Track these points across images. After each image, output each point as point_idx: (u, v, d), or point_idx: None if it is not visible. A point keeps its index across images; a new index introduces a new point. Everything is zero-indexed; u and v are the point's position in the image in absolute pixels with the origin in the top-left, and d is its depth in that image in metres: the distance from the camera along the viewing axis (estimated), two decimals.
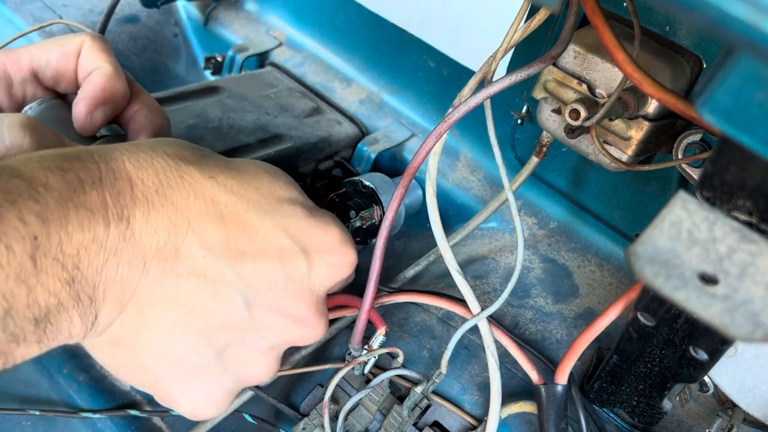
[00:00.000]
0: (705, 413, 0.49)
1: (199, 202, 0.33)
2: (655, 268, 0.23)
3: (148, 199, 0.31)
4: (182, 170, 0.33)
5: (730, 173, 0.28)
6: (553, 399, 0.43)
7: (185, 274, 0.33)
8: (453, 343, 0.46)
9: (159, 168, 0.33)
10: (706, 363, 0.37)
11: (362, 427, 0.46)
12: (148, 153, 0.33)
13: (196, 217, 0.33)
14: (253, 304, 0.35)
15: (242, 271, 0.34)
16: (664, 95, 0.35)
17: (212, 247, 0.33)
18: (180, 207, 0.32)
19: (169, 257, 0.32)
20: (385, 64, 0.70)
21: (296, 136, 0.59)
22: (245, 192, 0.35)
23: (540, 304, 0.56)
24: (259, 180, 0.36)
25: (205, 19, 0.78)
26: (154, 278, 0.32)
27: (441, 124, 0.41)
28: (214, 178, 0.34)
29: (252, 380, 0.39)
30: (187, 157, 0.34)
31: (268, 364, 0.39)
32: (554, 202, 0.61)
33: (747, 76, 0.21)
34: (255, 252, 0.35)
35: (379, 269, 0.44)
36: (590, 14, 0.35)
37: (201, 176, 0.34)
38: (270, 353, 0.38)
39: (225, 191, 0.34)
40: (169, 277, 0.32)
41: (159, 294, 0.32)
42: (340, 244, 0.39)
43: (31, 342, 0.28)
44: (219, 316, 0.35)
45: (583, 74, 0.46)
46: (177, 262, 0.32)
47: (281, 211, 0.36)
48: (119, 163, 0.32)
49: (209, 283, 0.33)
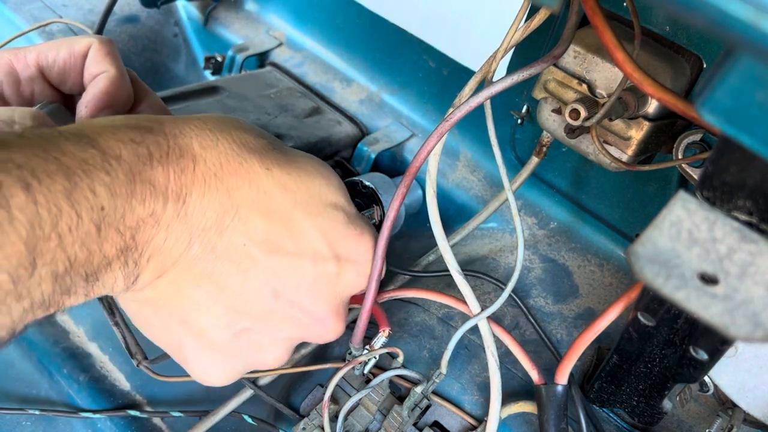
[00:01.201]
0: (705, 413, 0.49)
1: (252, 192, 0.35)
2: (656, 268, 0.23)
3: (206, 181, 0.33)
4: (243, 157, 0.35)
5: (730, 173, 0.28)
6: (554, 399, 0.43)
7: (223, 255, 0.35)
8: (453, 343, 0.46)
9: (222, 151, 0.34)
10: (706, 363, 0.37)
11: (362, 427, 0.46)
12: (214, 133, 0.35)
13: (245, 206, 0.35)
14: (279, 296, 0.37)
15: (275, 265, 0.36)
16: (664, 95, 0.35)
17: (254, 237, 0.35)
18: (233, 194, 0.34)
19: (212, 238, 0.34)
20: (385, 64, 0.70)
21: (296, 136, 0.59)
22: (297, 190, 0.37)
23: (540, 304, 0.56)
24: (312, 180, 0.38)
25: (205, 19, 0.78)
26: (195, 254, 0.34)
27: (441, 124, 0.41)
28: (271, 170, 0.36)
29: (261, 366, 0.41)
30: (250, 144, 0.36)
31: (280, 353, 0.40)
32: (554, 202, 0.61)
33: (747, 76, 0.21)
34: (291, 249, 0.37)
35: (380, 269, 0.44)
36: (590, 14, 0.35)
37: (259, 167, 0.35)
38: (284, 344, 0.40)
39: (278, 186, 0.36)
40: (208, 255, 0.34)
41: (196, 268, 0.34)
42: (371, 255, 0.41)
43: (79, 294, 0.30)
44: (244, 302, 0.36)
45: (584, 74, 0.46)
46: (219, 243, 0.34)
47: (324, 215, 0.38)
48: (187, 140, 0.33)
49: (242, 269, 0.35)
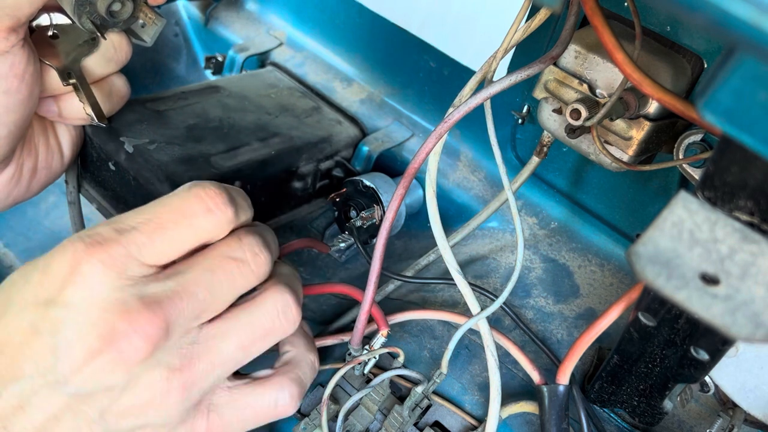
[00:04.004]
0: (706, 413, 0.49)
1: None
2: (657, 269, 0.23)
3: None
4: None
5: (731, 173, 0.27)
6: (555, 399, 0.43)
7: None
8: (453, 343, 0.46)
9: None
10: (707, 363, 0.37)
11: (363, 427, 0.46)
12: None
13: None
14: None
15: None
16: (663, 96, 0.35)
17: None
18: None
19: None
20: (385, 64, 0.70)
21: (297, 136, 0.59)
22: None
23: (541, 304, 0.56)
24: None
25: (205, 18, 0.78)
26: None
27: (441, 124, 0.41)
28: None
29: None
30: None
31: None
32: (555, 202, 0.61)
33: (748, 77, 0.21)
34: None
35: (379, 269, 0.44)
36: (590, 14, 0.35)
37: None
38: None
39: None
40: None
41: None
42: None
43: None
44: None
45: (584, 74, 0.46)
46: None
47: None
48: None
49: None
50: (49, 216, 0.66)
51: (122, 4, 0.44)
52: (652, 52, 0.45)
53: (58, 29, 0.45)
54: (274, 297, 0.38)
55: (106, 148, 0.50)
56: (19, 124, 0.42)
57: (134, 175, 0.49)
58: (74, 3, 0.43)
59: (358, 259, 0.60)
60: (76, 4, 0.43)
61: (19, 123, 0.42)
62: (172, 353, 0.34)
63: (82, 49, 0.45)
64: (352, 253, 0.60)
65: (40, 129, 0.47)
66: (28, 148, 0.46)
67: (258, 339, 0.37)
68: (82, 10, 0.43)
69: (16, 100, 0.41)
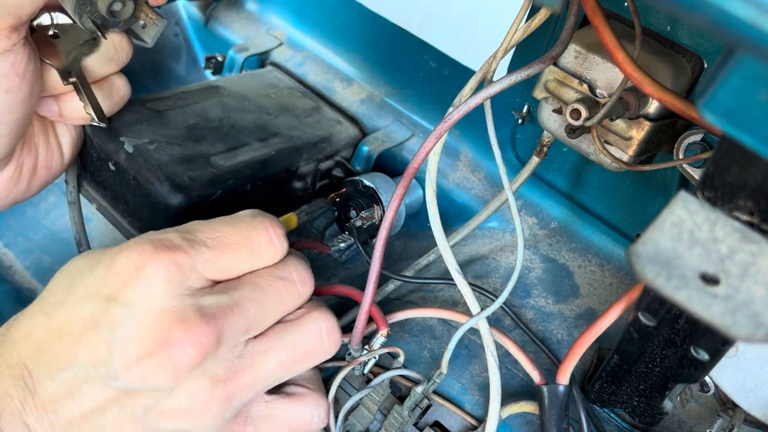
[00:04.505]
0: (706, 413, 0.49)
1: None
2: (657, 269, 0.23)
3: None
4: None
5: (731, 173, 0.27)
6: (555, 399, 0.43)
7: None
8: (453, 343, 0.46)
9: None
10: (707, 363, 0.37)
11: (363, 427, 0.46)
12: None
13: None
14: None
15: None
16: (664, 95, 0.35)
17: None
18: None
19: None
20: (385, 64, 0.70)
21: (297, 136, 0.59)
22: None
23: (540, 304, 0.56)
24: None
25: (205, 18, 0.78)
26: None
27: (441, 124, 0.41)
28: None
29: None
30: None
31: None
32: (555, 202, 0.61)
33: (748, 77, 0.21)
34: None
35: (379, 269, 0.44)
36: (590, 14, 0.35)
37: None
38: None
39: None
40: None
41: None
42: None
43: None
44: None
45: (584, 74, 0.46)
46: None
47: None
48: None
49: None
50: (49, 216, 0.66)
51: (123, 4, 0.44)
52: (652, 52, 0.45)
53: (58, 29, 0.45)
54: (317, 319, 0.40)
55: (106, 148, 0.50)
56: (19, 123, 0.42)
57: (134, 175, 0.49)
58: (75, 2, 0.43)
59: (358, 259, 0.60)
60: (77, 3, 0.43)
61: (19, 122, 0.42)
62: (219, 365, 0.35)
63: (83, 48, 0.45)
64: (352, 253, 0.60)
65: (40, 128, 0.47)
66: (28, 147, 0.46)
67: (299, 359, 0.39)
68: (83, 10, 0.43)
69: (17, 98, 0.41)
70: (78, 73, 0.45)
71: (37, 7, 0.39)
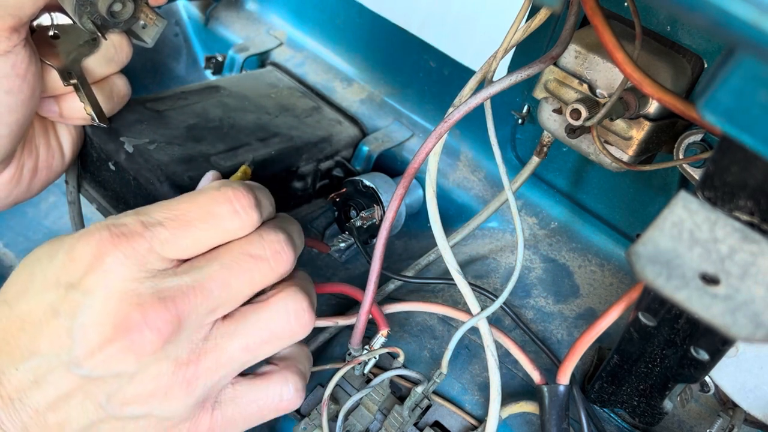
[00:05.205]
0: (706, 413, 0.49)
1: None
2: (657, 269, 0.23)
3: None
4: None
5: (731, 173, 0.27)
6: (555, 399, 0.43)
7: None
8: (453, 343, 0.46)
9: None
10: (707, 363, 0.37)
11: (363, 427, 0.46)
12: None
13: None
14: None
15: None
16: (663, 95, 0.35)
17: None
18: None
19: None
20: (385, 64, 0.70)
21: (297, 136, 0.59)
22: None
23: (541, 304, 0.56)
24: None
25: (205, 18, 0.78)
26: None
27: (441, 124, 0.41)
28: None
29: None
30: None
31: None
32: (555, 202, 0.61)
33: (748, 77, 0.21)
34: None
35: (379, 269, 0.44)
36: (590, 14, 0.35)
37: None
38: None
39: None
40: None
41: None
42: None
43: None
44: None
45: (584, 74, 0.46)
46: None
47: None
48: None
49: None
50: (49, 216, 0.66)
51: (123, 5, 0.44)
52: (652, 52, 0.45)
53: (59, 29, 0.45)
54: (286, 300, 0.38)
55: (106, 148, 0.50)
56: (20, 123, 0.42)
57: (134, 175, 0.49)
58: (75, 3, 0.43)
59: (358, 259, 0.60)
60: (77, 4, 0.43)
61: (20, 123, 0.42)
62: (182, 347, 0.35)
63: (83, 49, 0.45)
64: (352, 253, 0.60)
65: (40, 129, 0.47)
66: (28, 148, 0.46)
67: (265, 342, 0.38)
68: (83, 10, 0.43)
69: (18, 99, 0.41)
70: (78, 73, 0.45)
71: (38, 8, 0.39)
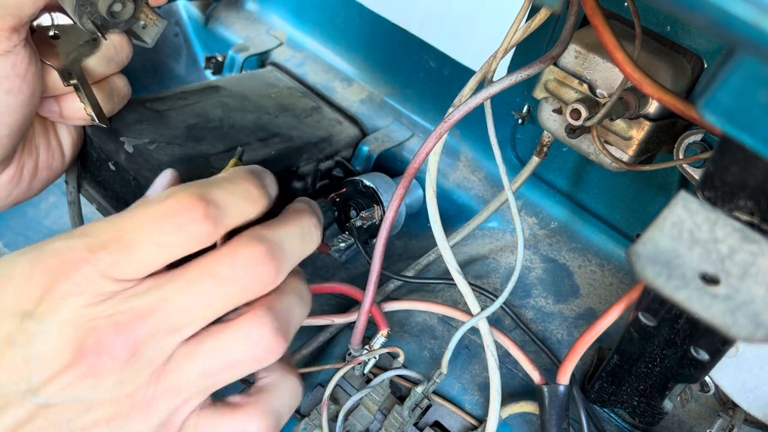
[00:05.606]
0: (706, 413, 0.49)
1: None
2: (657, 269, 0.23)
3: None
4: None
5: (731, 173, 0.27)
6: (555, 399, 0.43)
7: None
8: (453, 343, 0.46)
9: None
10: (707, 363, 0.37)
11: (363, 427, 0.46)
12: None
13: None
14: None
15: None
16: (663, 95, 0.35)
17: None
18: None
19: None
20: (385, 64, 0.70)
21: (297, 136, 0.59)
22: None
23: (541, 304, 0.56)
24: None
25: (205, 18, 0.78)
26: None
27: (441, 125, 0.41)
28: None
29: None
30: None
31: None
32: (555, 202, 0.61)
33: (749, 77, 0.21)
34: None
35: (379, 269, 0.44)
36: (590, 14, 0.35)
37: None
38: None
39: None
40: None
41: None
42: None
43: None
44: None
45: (584, 74, 0.46)
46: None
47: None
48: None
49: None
50: (49, 216, 0.66)
51: (123, 5, 0.44)
52: (652, 52, 0.45)
53: (59, 29, 0.45)
54: (248, 324, 0.35)
55: (106, 148, 0.50)
56: (20, 124, 0.42)
57: (134, 175, 0.49)
58: (75, 3, 0.43)
59: (358, 259, 0.60)
60: (77, 4, 0.43)
61: (20, 123, 0.42)
62: (143, 370, 0.33)
63: (83, 49, 0.45)
64: (352, 253, 0.60)
65: (41, 129, 0.47)
66: (28, 148, 0.46)
67: (226, 367, 0.35)
68: (83, 11, 0.43)
69: (18, 100, 0.41)
70: (78, 73, 0.45)
71: (38, 8, 0.39)
